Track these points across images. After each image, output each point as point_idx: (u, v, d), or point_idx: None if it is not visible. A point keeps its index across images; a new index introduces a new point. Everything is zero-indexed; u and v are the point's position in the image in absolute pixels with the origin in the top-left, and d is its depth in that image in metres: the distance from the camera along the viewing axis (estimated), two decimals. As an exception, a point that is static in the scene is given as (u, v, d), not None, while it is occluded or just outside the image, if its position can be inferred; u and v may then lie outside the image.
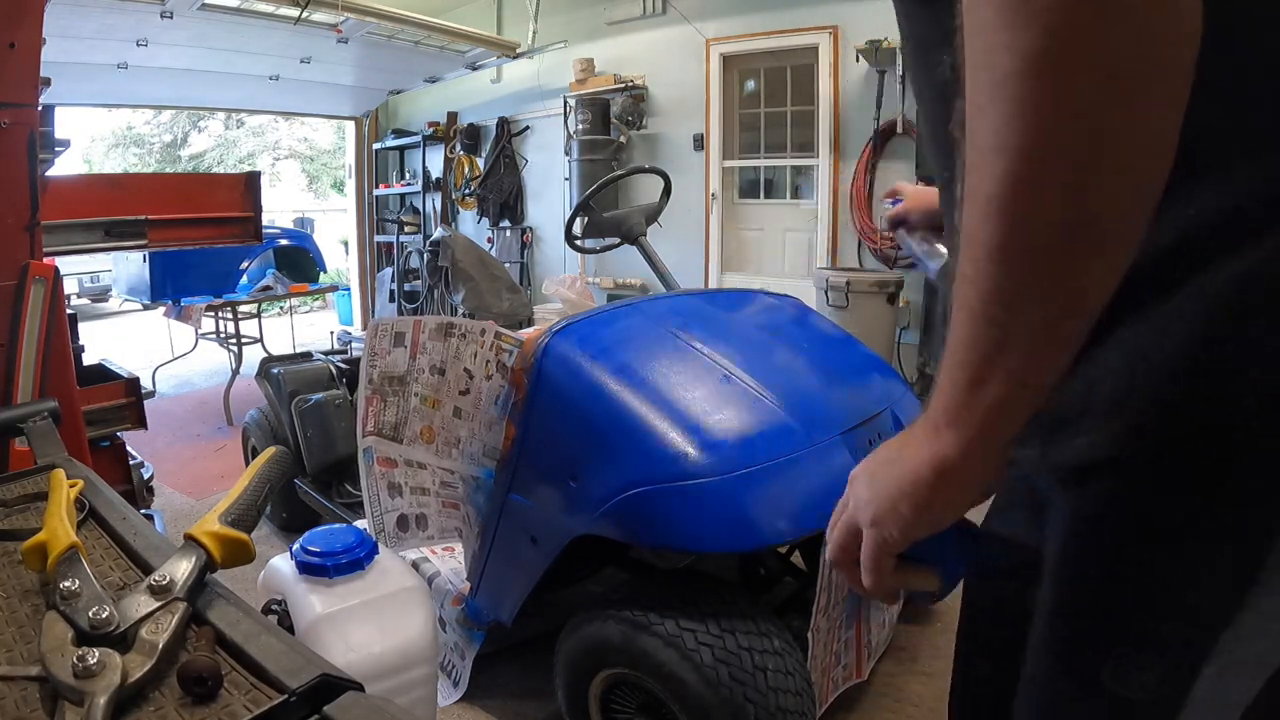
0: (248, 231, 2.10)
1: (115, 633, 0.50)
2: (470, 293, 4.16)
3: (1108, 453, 0.50)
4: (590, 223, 2.26)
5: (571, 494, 1.39)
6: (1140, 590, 0.52)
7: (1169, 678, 0.53)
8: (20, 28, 1.28)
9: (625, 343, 1.52)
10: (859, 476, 0.62)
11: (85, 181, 1.99)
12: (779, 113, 5.04)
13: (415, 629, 1.19)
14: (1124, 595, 0.53)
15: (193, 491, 3.21)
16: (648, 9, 5.30)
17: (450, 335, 1.67)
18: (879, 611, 1.71)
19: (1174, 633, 0.53)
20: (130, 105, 9.38)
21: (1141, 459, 0.49)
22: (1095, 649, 0.56)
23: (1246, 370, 0.44)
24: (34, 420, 0.96)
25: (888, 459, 0.58)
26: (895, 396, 1.68)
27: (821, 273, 4.20)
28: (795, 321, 1.85)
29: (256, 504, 0.66)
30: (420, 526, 1.82)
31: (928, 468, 0.52)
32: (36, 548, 0.60)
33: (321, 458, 2.48)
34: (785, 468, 1.34)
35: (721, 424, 1.37)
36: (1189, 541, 0.49)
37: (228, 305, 4.55)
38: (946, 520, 0.55)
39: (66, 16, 3.60)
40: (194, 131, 14.29)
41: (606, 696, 1.44)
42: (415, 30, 4.88)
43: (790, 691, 1.25)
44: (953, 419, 0.50)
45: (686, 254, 5.26)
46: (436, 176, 6.76)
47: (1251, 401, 0.45)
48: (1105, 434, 0.49)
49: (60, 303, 1.45)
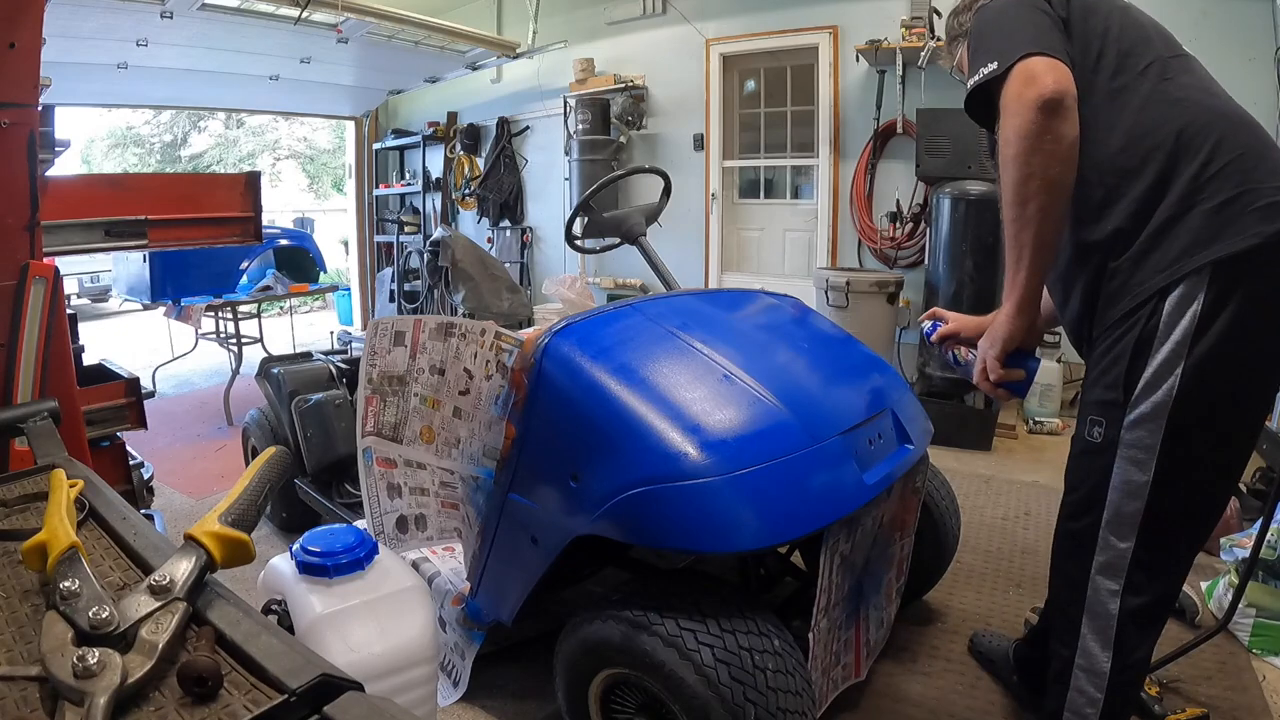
0: (248, 231, 2.09)
1: (115, 633, 0.50)
2: (470, 293, 4.16)
3: (1094, 332, 1.26)
4: (590, 223, 2.26)
5: (571, 494, 1.39)
6: (1100, 380, 1.22)
7: (1110, 429, 1.20)
8: (20, 28, 1.28)
9: (625, 343, 1.52)
10: (984, 337, 1.36)
11: (85, 181, 1.98)
12: (779, 113, 5.04)
13: (415, 629, 1.19)
14: (1095, 384, 1.23)
15: (193, 491, 3.21)
16: (648, 9, 5.30)
17: (450, 335, 1.67)
18: (878, 611, 1.72)
19: (1114, 400, 1.18)
20: (130, 105, 9.39)
21: (1102, 334, 1.23)
22: (1083, 416, 1.26)
23: (1119, 296, 1.19)
24: (34, 420, 0.96)
25: (991, 325, 1.34)
26: (895, 396, 1.68)
27: (821, 273, 4.20)
28: (795, 321, 1.85)
29: (256, 504, 0.66)
30: (419, 527, 1.82)
31: (1003, 316, 1.30)
32: (36, 548, 0.60)
33: (321, 458, 2.48)
34: (785, 468, 1.34)
35: (722, 424, 1.37)
36: (1116, 355, 1.19)
37: (228, 305, 4.55)
38: (1014, 344, 1.30)
39: (66, 16, 3.60)
40: (194, 131, 14.29)
41: (606, 696, 1.44)
42: (415, 30, 4.88)
43: (790, 691, 1.25)
44: (1008, 295, 1.27)
45: (686, 254, 5.26)
46: (436, 176, 6.76)
47: (1125, 297, 1.18)
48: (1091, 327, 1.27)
49: (60, 303, 1.44)
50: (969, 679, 1.82)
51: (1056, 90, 1.10)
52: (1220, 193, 1.10)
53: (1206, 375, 1.10)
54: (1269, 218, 1.07)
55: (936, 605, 2.16)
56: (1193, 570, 2.33)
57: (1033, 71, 1.12)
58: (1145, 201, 1.15)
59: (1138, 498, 1.17)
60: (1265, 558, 1.92)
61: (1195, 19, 3.52)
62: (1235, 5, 3.51)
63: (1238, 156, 1.11)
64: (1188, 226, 1.11)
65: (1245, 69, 3.49)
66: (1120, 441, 1.17)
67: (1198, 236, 1.10)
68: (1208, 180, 1.11)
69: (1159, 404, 1.13)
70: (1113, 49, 1.21)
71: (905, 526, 1.73)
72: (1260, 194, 1.09)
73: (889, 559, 1.71)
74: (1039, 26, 1.18)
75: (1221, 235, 1.09)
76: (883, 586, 1.71)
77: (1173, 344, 1.11)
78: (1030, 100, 1.11)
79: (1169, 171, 1.14)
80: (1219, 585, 2.13)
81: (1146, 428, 1.15)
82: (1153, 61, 1.20)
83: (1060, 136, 1.11)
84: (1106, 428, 1.20)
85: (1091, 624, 1.23)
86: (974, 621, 2.05)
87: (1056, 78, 1.11)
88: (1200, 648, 1.83)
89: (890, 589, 1.75)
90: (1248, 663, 1.88)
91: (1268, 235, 1.07)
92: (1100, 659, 1.22)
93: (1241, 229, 1.08)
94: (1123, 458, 1.17)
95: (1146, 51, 1.21)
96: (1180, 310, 1.11)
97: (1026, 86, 1.12)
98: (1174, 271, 1.11)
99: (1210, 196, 1.10)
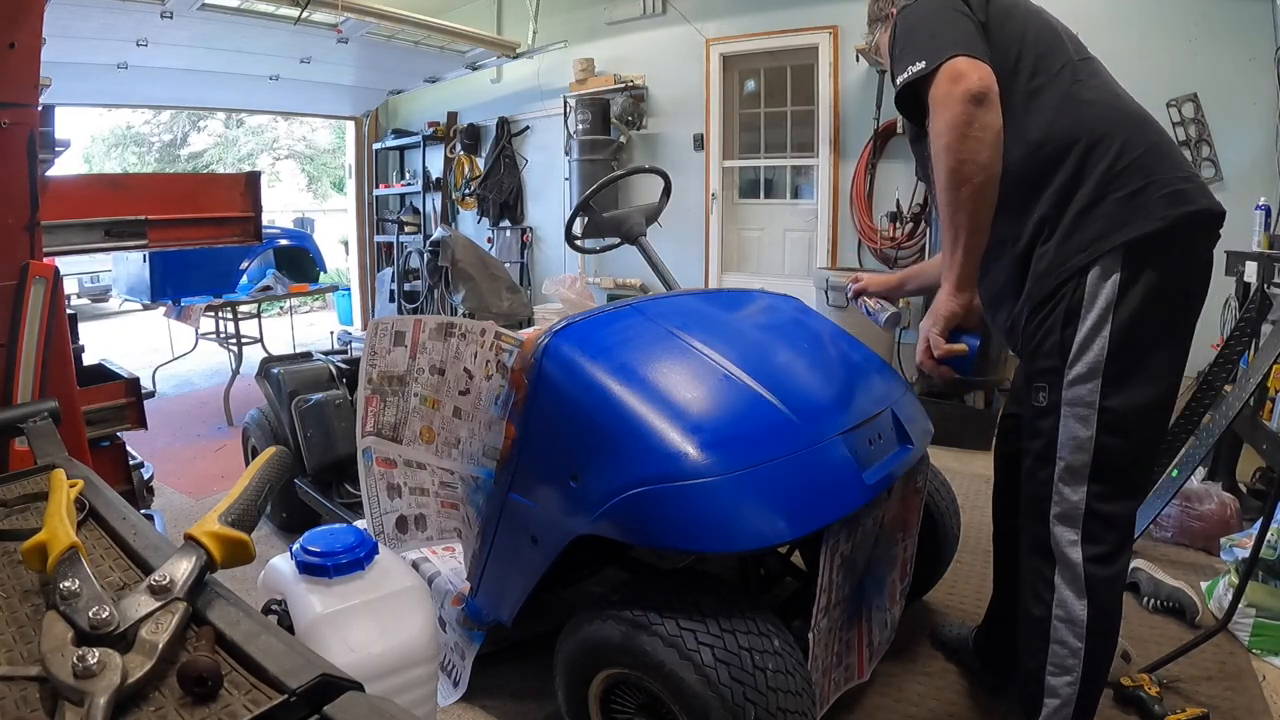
0: (248, 231, 2.09)
1: (115, 633, 0.50)
2: (470, 293, 4.16)
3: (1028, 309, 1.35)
4: (590, 223, 2.26)
5: (572, 494, 1.39)
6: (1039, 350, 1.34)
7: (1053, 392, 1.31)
8: (20, 28, 1.28)
9: (625, 343, 1.52)
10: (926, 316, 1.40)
11: (85, 181, 1.97)
12: (779, 113, 5.04)
13: (415, 629, 1.19)
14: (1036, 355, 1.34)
15: (193, 491, 3.21)
16: (648, 9, 5.30)
17: (450, 335, 1.67)
18: (881, 612, 1.71)
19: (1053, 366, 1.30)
20: (130, 105, 9.39)
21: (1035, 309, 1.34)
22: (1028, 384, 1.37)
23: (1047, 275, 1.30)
24: (34, 420, 0.96)
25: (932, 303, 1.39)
26: (895, 396, 1.68)
27: (821, 273, 4.20)
28: (795, 321, 1.85)
29: (256, 504, 0.66)
30: (419, 527, 1.81)
31: (943, 295, 1.36)
32: (36, 548, 0.60)
33: (321, 458, 2.48)
34: (785, 467, 1.34)
35: (721, 424, 1.37)
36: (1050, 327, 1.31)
37: (228, 305, 4.55)
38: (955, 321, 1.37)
39: (66, 16, 3.60)
40: (194, 131, 14.29)
41: (606, 696, 1.44)
42: (415, 30, 4.88)
43: (790, 691, 1.25)
44: (946, 274, 1.35)
45: (686, 254, 5.26)
46: (436, 176, 6.76)
47: (1047, 283, 1.30)
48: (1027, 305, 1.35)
49: (60, 303, 1.44)
50: (969, 679, 1.82)
51: (982, 85, 1.22)
52: (1129, 184, 1.25)
53: (1130, 333, 1.24)
54: (1173, 203, 1.24)
55: (937, 605, 2.16)
56: (1193, 570, 2.36)
57: (959, 70, 1.23)
58: (1064, 191, 1.29)
59: (1084, 450, 1.29)
60: (1265, 558, 1.92)
61: (1195, 19, 3.51)
62: (1235, 5, 3.51)
63: (1143, 153, 1.27)
64: (1103, 212, 1.26)
65: (1245, 69, 3.48)
66: (1063, 400, 1.30)
67: (1112, 221, 1.25)
68: (1118, 174, 1.26)
69: (1093, 363, 1.26)
70: (1030, 52, 1.33)
71: (908, 527, 1.73)
72: (1164, 184, 1.25)
73: (891, 560, 1.71)
74: (962, 30, 1.29)
75: (1133, 220, 1.24)
76: (886, 588, 1.71)
77: (1098, 311, 1.25)
78: (958, 95, 1.22)
79: (1083, 165, 1.28)
80: (1219, 585, 2.14)
81: (1085, 386, 1.27)
82: (1065, 65, 1.33)
83: (987, 125, 1.23)
84: (1050, 391, 1.32)
85: (1064, 573, 1.32)
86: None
87: (980, 75, 1.23)
88: (1200, 648, 1.83)
89: (894, 590, 1.75)
90: (1248, 663, 1.88)
91: (1172, 218, 1.23)
92: (1076, 607, 1.30)
93: (1149, 214, 1.24)
94: (1067, 415, 1.29)
95: (1059, 55, 1.34)
96: (1100, 282, 1.25)
97: (954, 84, 1.23)
98: (1094, 251, 1.25)
99: (1121, 187, 1.25)
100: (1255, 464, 2.69)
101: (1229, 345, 2.48)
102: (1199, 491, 2.51)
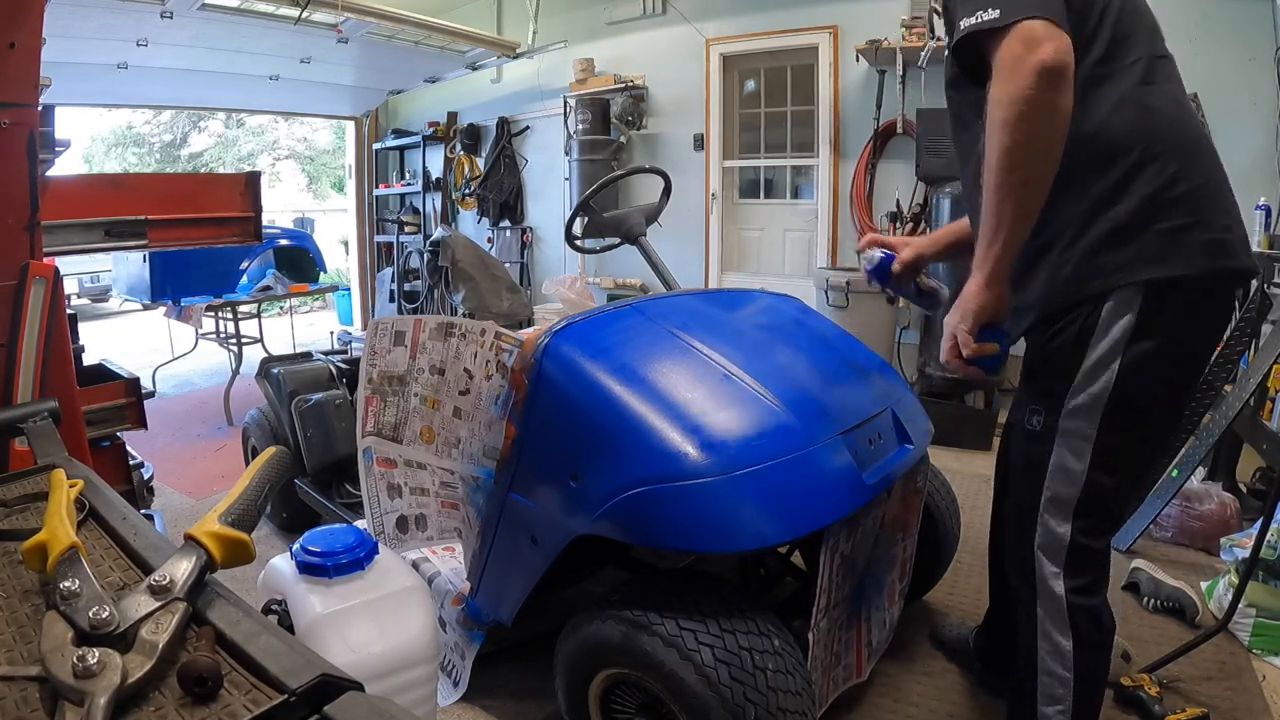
0: (248, 231, 2.09)
1: (115, 633, 0.50)
2: (470, 293, 4.16)
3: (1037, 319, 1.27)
4: (590, 223, 2.26)
5: (572, 494, 1.39)
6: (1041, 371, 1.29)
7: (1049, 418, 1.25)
8: (20, 28, 1.28)
9: (625, 343, 1.52)
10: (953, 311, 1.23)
11: (85, 181, 1.98)
12: (779, 113, 5.04)
13: (415, 629, 1.19)
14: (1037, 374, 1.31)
15: (193, 491, 3.21)
16: (648, 9, 5.30)
17: (450, 335, 1.67)
18: (880, 612, 1.71)
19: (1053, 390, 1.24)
20: (130, 105, 9.39)
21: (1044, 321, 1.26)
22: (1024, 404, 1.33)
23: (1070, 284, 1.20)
24: (34, 420, 0.96)
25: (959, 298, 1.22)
26: (895, 396, 1.68)
27: (821, 273, 4.19)
28: (795, 321, 1.85)
29: (256, 504, 0.66)
30: (420, 527, 1.82)
31: (974, 288, 1.19)
32: (36, 548, 0.60)
33: (321, 458, 2.48)
34: (785, 467, 1.34)
35: (721, 424, 1.37)
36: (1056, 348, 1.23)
37: (228, 305, 4.55)
38: (985, 317, 1.19)
39: (66, 16, 3.60)
40: (194, 131, 14.28)
41: (606, 696, 1.44)
42: (415, 30, 4.88)
43: (790, 691, 1.25)
44: (980, 265, 1.17)
45: (686, 254, 5.26)
46: (436, 176, 6.76)
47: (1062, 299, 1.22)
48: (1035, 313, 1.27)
49: (60, 303, 1.44)
50: (969, 679, 1.82)
51: (1057, 59, 1.04)
52: (1175, 218, 1.14)
53: (1141, 371, 1.17)
54: (1213, 253, 1.15)
55: (936, 605, 2.16)
56: (1193, 570, 2.36)
57: (1035, 34, 1.05)
58: (1101, 200, 1.17)
59: (1074, 485, 1.23)
60: (1265, 558, 1.92)
61: (1195, 19, 3.52)
62: (1235, 5, 3.51)
63: (1197, 187, 1.16)
64: (1140, 240, 1.15)
65: (1245, 69, 3.49)
66: (1058, 430, 1.23)
67: (1145, 253, 1.15)
68: (1166, 203, 1.15)
69: (1096, 396, 1.19)
70: (1107, 31, 1.18)
71: (907, 527, 1.73)
72: (1209, 228, 1.15)
73: (891, 560, 1.71)
74: None
75: (1166, 259, 1.14)
76: (885, 587, 1.71)
77: (1110, 342, 1.17)
78: (1030, 66, 1.04)
79: (1129, 178, 1.16)
80: (1219, 585, 2.14)
81: (1084, 418, 1.21)
82: (1140, 58, 1.19)
83: (1057, 107, 1.06)
84: (1046, 416, 1.26)
85: (1047, 606, 1.28)
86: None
87: (1058, 46, 1.05)
88: (1200, 648, 1.83)
89: (893, 590, 1.75)
90: (1248, 663, 1.88)
91: (1208, 270, 1.15)
92: (1062, 641, 1.27)
93: (1187, 259, 1.14)
94: (1061, 446, 1.23)
95: (1139, 44, 1.20)
96: (1118, 313, 1.16)
97: (1028, 50, 1.04)
98: (1118, 279, 1.16)
99: (1166, 219, 1.15)
100: (1255, 464, 2.69)
101: (1229, 345, 2.48)
102: (1199, 491, 2.51)
